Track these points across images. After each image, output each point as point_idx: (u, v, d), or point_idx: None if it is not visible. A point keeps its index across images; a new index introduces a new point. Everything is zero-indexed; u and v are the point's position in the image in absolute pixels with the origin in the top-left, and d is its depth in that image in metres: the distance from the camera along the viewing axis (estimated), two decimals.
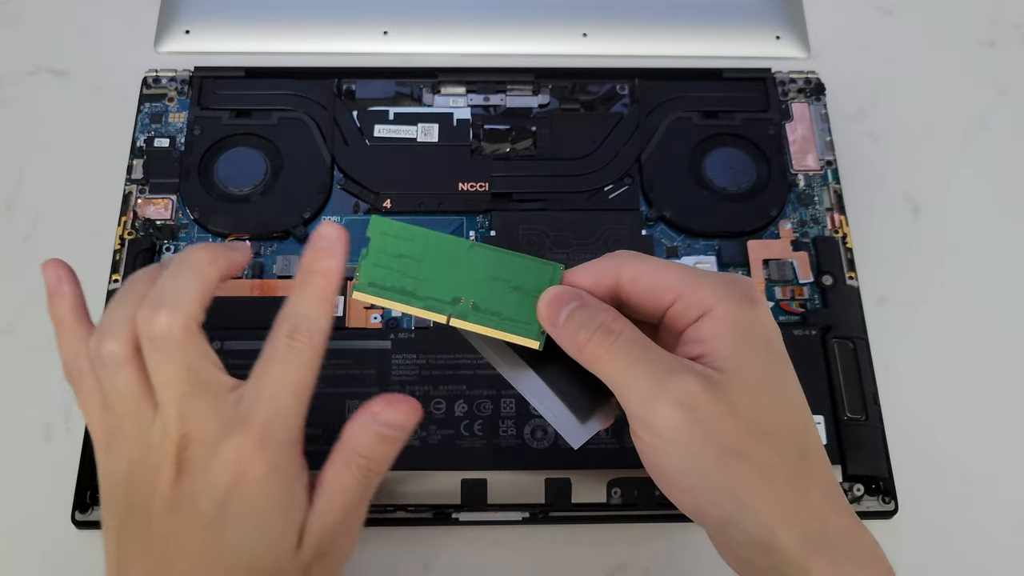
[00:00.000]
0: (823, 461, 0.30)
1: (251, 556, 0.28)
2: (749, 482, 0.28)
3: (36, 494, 0.41)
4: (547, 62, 0.52)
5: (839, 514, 0.29)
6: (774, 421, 0.29)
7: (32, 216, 0.48)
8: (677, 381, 0.28)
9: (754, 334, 0.29)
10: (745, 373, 0.29)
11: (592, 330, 0.29)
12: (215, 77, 0.49)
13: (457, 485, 0.40)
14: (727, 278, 0.30)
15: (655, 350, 0.29)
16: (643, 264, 0.30)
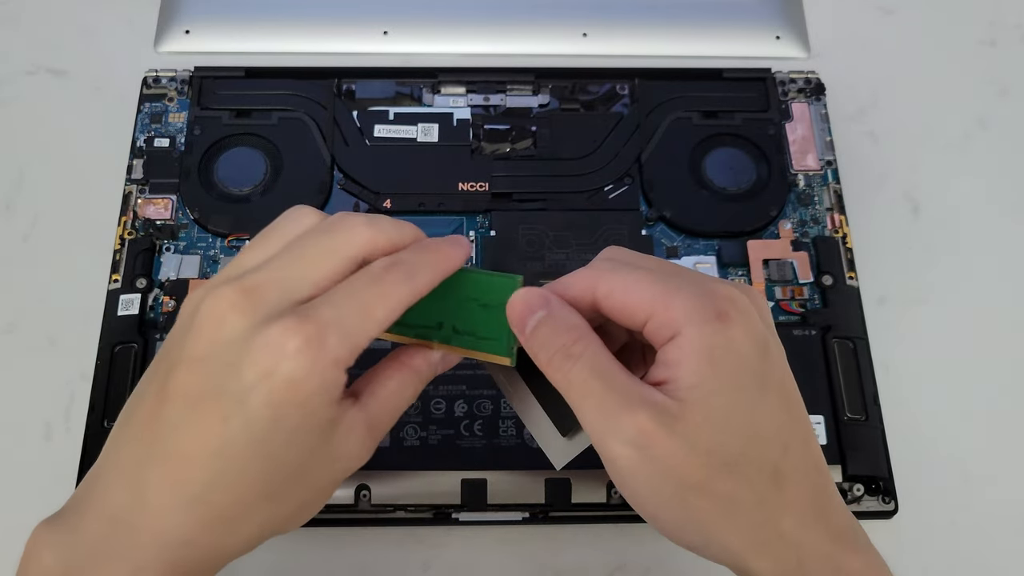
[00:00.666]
0: (807, 485, 0.28)
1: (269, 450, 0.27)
2: (711, 516, 0.28)
3: (36, 494, 0.41)
4: (547, 62, 0.52)
5: (821, 541, 0.28)
6: (739, 452, 0.27)
7: (32, 216, 0.48)
8: (629, 417, 0.27)
9: (722, 359, 0.27)
10: (707, 404, 0.27)
11: (551, 352, 0.29)
12: (215, 77, 0.49)
13: (457, 485, 0.40)
14: (703, 291, 0.28)
15: (613, 378, 0.28)
16: (617, 279, 0.29)
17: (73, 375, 0.43)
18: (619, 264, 0.30)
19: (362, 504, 0.40)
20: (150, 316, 0.43)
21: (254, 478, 0.27)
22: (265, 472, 0.27)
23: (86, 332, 0.43)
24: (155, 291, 0.44)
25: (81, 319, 0.44)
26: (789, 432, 0.28)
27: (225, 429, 0.27)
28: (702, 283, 0.29)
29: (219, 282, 0.29)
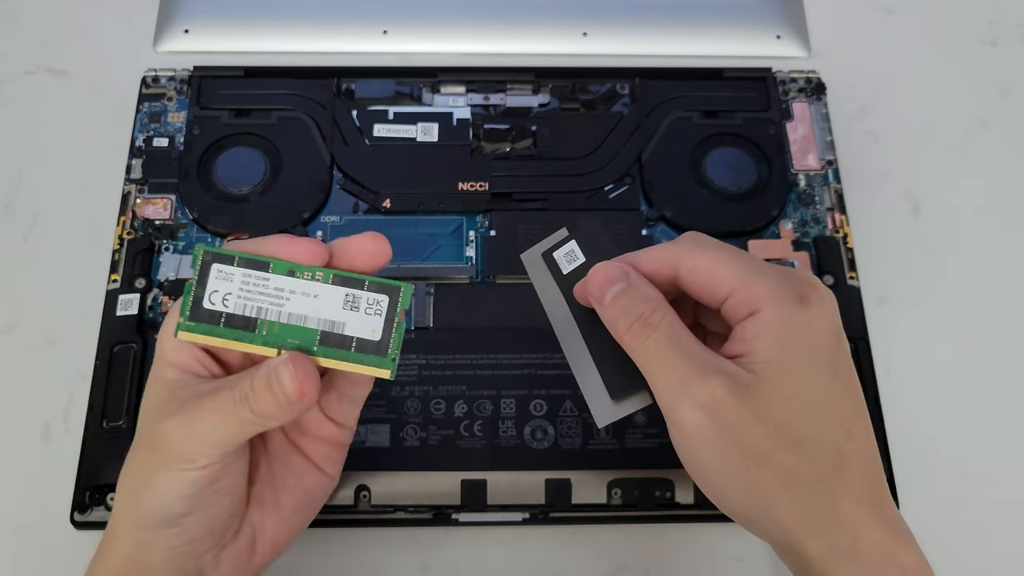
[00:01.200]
0: (865, 473, 0.29)
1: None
2: (772, 488, 0.28)
3: (35, 494, 0.41)
4: (547, 62, 0.52)
5: (876, 528, 0.28)
6: (805, 429, 0.28)
7: (31, 216, 0.48)
8: (703, 383, 0.28)
9: (799, 338, 0.29)
10: (779, 378, 0.28)
11: (631, 320, 0.30)
12: (214, 77, 0.49)
13: (457, 485, 0.40)
14: (786, 275, 0.30)
15: (690, 348, 0.29)
16: (702, 256, 0.30)
17: (72, 375, 0.43)
18: (702, 243, 0.31)
19: (362, 504, 0.40)
20: (149, 316, 0.43)
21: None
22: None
23: (85, 332, 0.43)
24: (154, 291, 0.44)
25: (80, 319, 0.44)
26: (854, 418, 0.29)
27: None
28: (782, 269, 0.30)
29: None
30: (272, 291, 0.30)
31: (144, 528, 0.30)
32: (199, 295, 0.30)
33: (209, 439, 0.30)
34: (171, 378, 0.31)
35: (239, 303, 0.30)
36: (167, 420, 0.30)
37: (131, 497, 0.31)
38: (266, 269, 0.30)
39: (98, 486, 0.39)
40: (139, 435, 0.32)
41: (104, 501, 0.39)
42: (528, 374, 0.42)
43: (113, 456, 0.40)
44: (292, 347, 0.30)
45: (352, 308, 0.30)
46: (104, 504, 0.39)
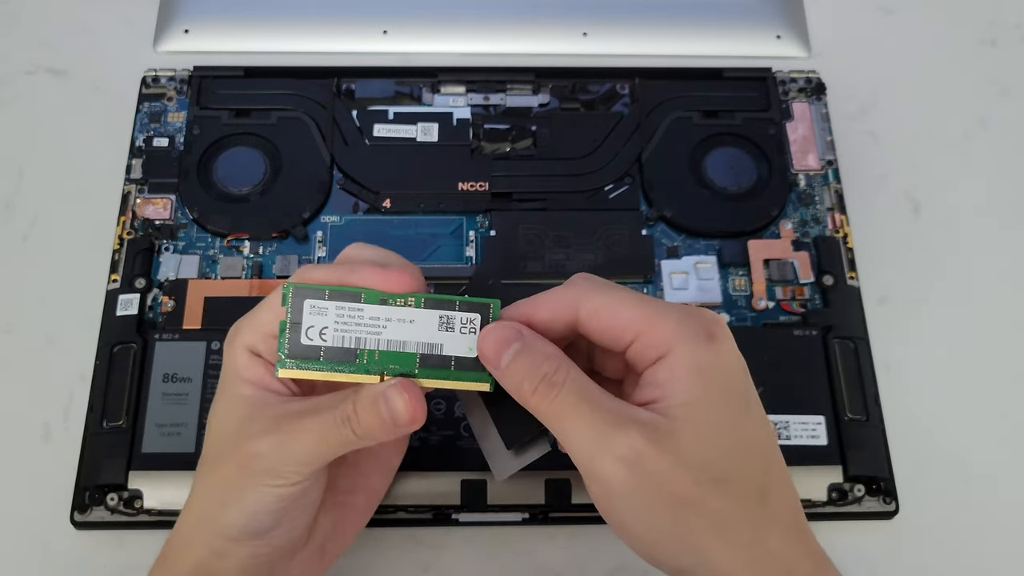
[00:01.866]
0: (787, 501, 0.29)
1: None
2: (704, 532, 0.28)
3: (35, 494, 0.41)
4: (547, 62, 0.52)
5: (804, 559, 0.28)
6: (729, 468, 0.28)
7: (31, 216, 0.48)
8: (621, 436, 0.27)
9: (713, 378, 0.28)
10: (697, 420, 0.28)
11: (535, 382, 0.29)
12: (214, 77, 0.49)
13: (457, 486, 0.40)
14: (688, 313, 0.29)
15: (600, 401, 0.28)
16: (602, 298, 0.29)
17: (72, 375, 0.43)
18: (598, 285, 0.30)
19: None
20: (149, 316, 0.43)
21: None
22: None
23: (85, 332, 0.43)
24: (154, 291, 0.44)
25: (80, 319, 0.44)
26: (770, 450, 0.29)
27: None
28: (683, 307, 0.30)
29: None
30: (368, 321, 0.30)
31: (226, 538, 0.31)
32: (295, 331, 0.30)
33: (304, 459, 0.30)
34: (249, 395, 0.31)
35: (337, 335, 0.30)
36: (259, 439, 0.30)
37: (215, 508, 0.31)
38: (358, 300, 0.30)
39: (98, 486, 0.39)
40: (219, 449, 0.31)
41: (104, 501, 0.39)
42: None
43: (113, 456, 0.40)
44: (395, 372, 0.30)
45: (447, 329, 0.31)
46: (104, 504, 0.39)
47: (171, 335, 0.42)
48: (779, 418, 0.41)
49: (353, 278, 0.30)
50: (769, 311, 0.44)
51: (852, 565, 0.40)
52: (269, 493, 0.30)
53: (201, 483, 0.32)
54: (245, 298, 0.43)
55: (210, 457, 0.32)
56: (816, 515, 0.40)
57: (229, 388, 0.32)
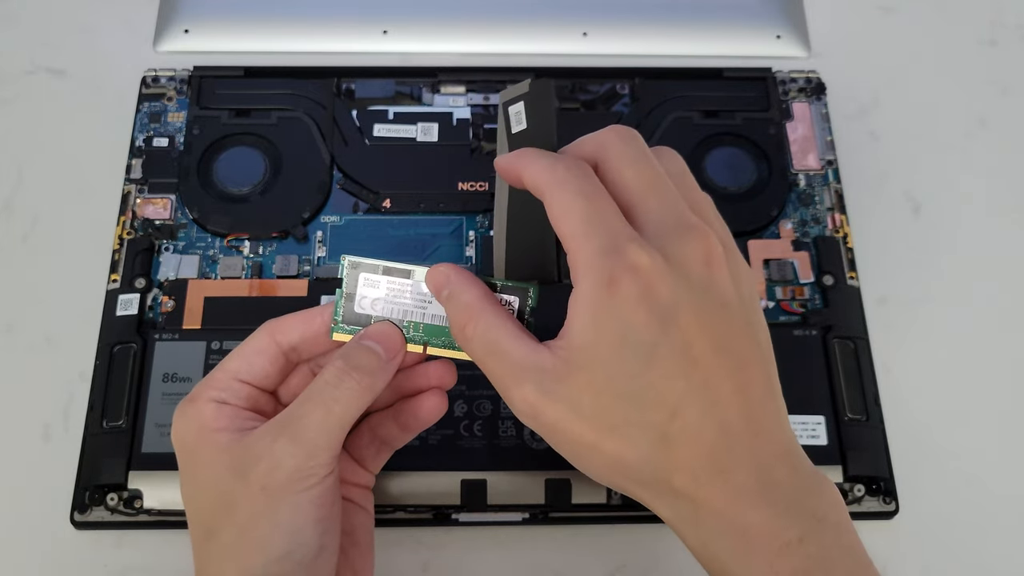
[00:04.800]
0: (698, 447, 0.28)
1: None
2: (609, 470, 0.29)
3: (35, 494, 0.41)
4: (547, 62, 0.52)
5: (716, 496, 0.28)
6: (622, 416, 0.28)
7: (31, 216, 0.48)
8: (517, 392, 0.29)
9: (606, 325, 0.28)
10: (590, 368, 0.28)
11: (455, 333, 0.31)
12: (214, 76, 0.49)
13: (457, 485, 0.40)
14: (612, 247, 0.28)
15: (503, 355, 0.29)
16: (557, 196, 0.29)
17: (72, 375, 0.43)
18: (575, 177, 0.29)
19: None
20: (149, 316, 0.43)
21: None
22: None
23: (85, 332, 0.43)
24: (154, 291, 0.44)
25: (80, 319, 0.44)
26: (682, 398, 0.28)
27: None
28: (622, 236, 0.28)
29: None
30: (415, 296, 0.33)
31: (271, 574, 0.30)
32: (350, 301, 0.33)
33: (322, 438, 0.30)
34: (228, 440, 0.31)
35: (387, 307, 0.33)
36: (269, 451, 0.30)
37: (250, 553, 0.30)
38: (408, 276, 0.33)
39: (98, 486, 0.39)
40: (223, 504, 0.30)
41: (104, 501, 0.39)
42: None
43: (113, 456, 0.40)
44: (437, 345, 0.33)
45: None
46: (104, 504, 0.39)
47: (171, 335, 0.42)
48: None
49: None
50: (769, 311, 0.44)
51: None
52: (304, 499, 0.30)
53: (214, 547, 0.31)
54: (245, 298, 0.43)
55: (216, 521, 0.31)
56: None
57: (201, 448, 0.31)
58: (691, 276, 0.28)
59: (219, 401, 0.32)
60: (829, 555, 0.28)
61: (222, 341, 0.42)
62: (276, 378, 0.33)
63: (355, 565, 0.34)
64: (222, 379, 0.32)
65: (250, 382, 0.32)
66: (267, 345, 0.33)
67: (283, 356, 0.33)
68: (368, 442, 0.35)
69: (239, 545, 0.30)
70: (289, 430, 0.30)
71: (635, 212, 0.29)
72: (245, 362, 0.32)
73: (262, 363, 0.33)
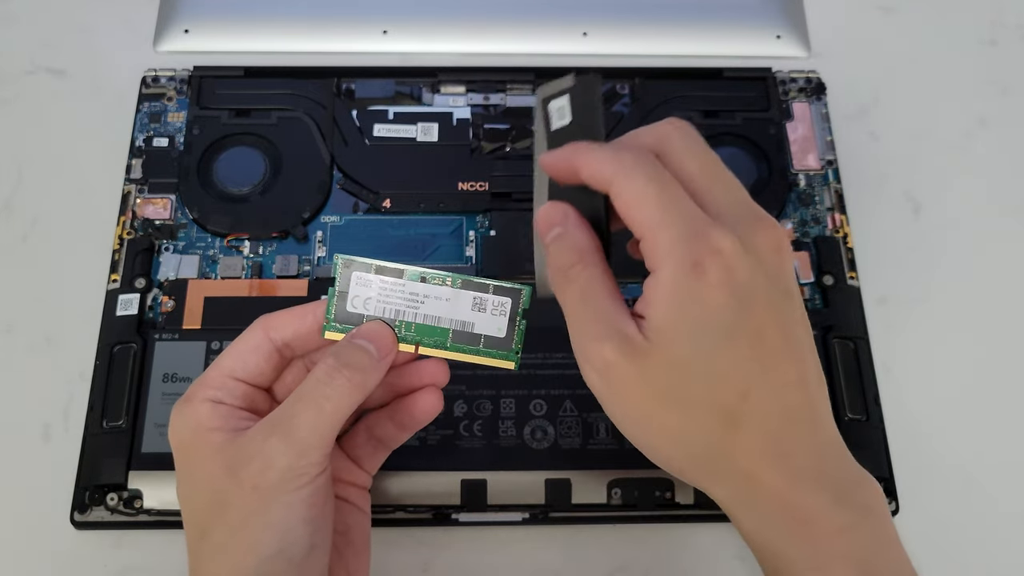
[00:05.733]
0: (765, 429, 0.29)
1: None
2: (665, 443, 0.30)
3: (35, 495, 0.41)
4: (547, 61, 0.52)
5: (775, 477, 0.29)
6: (691, 394, 0.29)
7: (31, 216, 0.48)
8: (597, 347, 0.29)
9: (689, 308, 0.28)
10: (668, 349, 0.29)
11: (555, 270, 0.31)
12: (214, 76, 0.49)
13: (457, 485, 0.40)
14: (694, 232, 0.28)
15: (598, 307, 0.30)
16: (626, 185, 0.29)
17: (72, 375, 0.43)
18: (642, 164, 0.29)
19: None
20: (149, 316, 0.43)
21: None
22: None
23: (85, 332, 0.43)
24: (154, 291, 0.44)
25: (80, 319, 0.44)
26: (753, 381, 0.29)
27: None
28: (700, 221, 0.29)
29: None
30: (408, 295, 0.33)
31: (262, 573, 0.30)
32: (342, 299, 0.33)
33: (314, 437, 0.30)
34: (222, 440, 0.31)
35: (379, 306, 0.33)
36: (261, 449, 0.30)
37: (242, 553, 0.30)
38: (400, 276, 0.33)
39: (98, 486, 0.39)
40: (217, 503, 0.31)
41: (104, 501, 0.39)
42: (528, 374, 0.42)
43: (113, 456, 0.40)
44: (428, 344, 0.33)
45: (479, 310, 0.33)
46: (104, 504, 0.39)
47: (171, 335, 0.42)
48: None
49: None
50: None
51: None
52: (296, 499, 0.30)
53: (207, 546, 0.31)
54: (245, 298, 0.43)
55: (209, 520, 0.31)
56: None
57: (196, 448, 0.31)
58: (764, 263, 0.29)
59: (214, 401, 0.32)
60: (878, 544, 0.29)
61: (222, 341, 0.42)
62: (271, 375, 0.33)
63: (350, 565, 0.34)
64: (217, 378, 0.32)
65: (245, 380, 0.32)
66: (261, 342, 0.33)
67: (277, 352, 0.33)
68: (365, 441, 0.35)
69: (231, 544, 0.30)
70: (280, 429, 0.30)
71: (704, 201, 0.30)
72: (239, 360, 0.32)
73: (256, 360, 0.32)
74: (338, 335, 0.32)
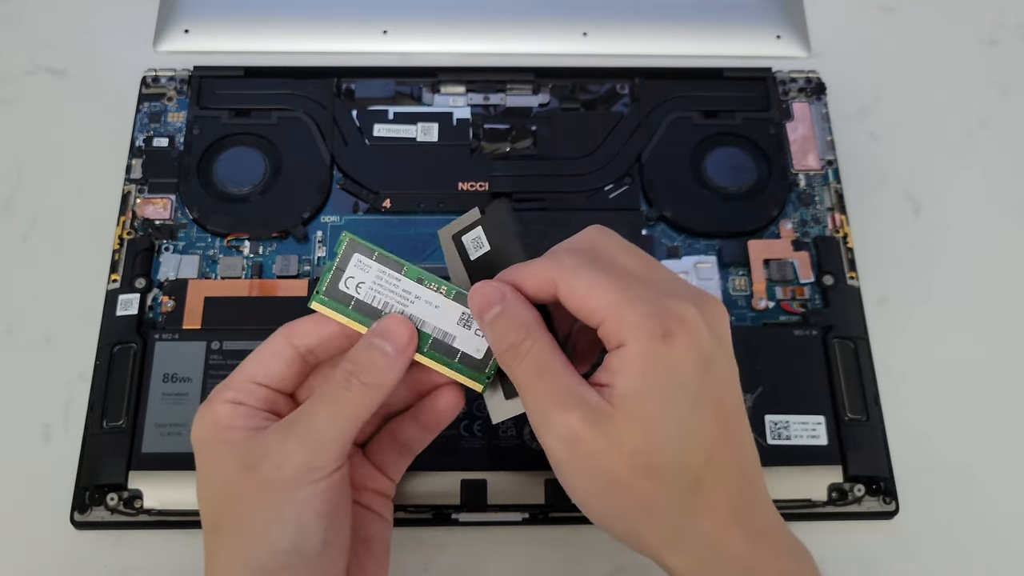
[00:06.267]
0: (729, 491, 0.30)
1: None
2: (633, 512, 0.30)
3: (35, 495, 0.41)
4: (547, 61, 0.52)
5: (739, 542, 0.30)
6: (662, 457, 0.29)
7: (31, 216, 0.48)
8: (561, 416, 0.29)
9: (658, 375, 0.29)
10: (637, 412, 0.29)
11: (503, 347, 0.31)
12: (214, 76, 0.49)
13: (457, 485, 0.40)
14: (656, 308, 0.29)
15: (555, 377, 0.30)
16: (578, 279, 0.30)
17: (72, 375, 0.43)
18: (584, 262, 0.31)
19: None
20: (149, 316, 0.43)
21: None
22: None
23: (85, 332, 0.43)
24: (154, 291, 0.44)
25: (80, 319, 0.44)
26: (717, 443, 0.30)
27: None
28: (658, 298, 0.30)
29: None
30: (400, 291, 0.32)
31: (272, 569, 0.30)
32: (337, 277, 0.32)
33: (331, 435, 0.30)
34: (239, 438, 0.31)
35: (370, 293, 0.32)
36: (278, 447, 0.30)
37: (252, 546, 0.30)
38: (399, 271, 0.33)
39: (98, 486, 0.39)
40: (232, 496, 0.31)
41: (104, 501, 0.39)
42: None
43: (113, 456, 0.40)
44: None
45: (465, 326, 0.32)
46: (104, 504, 0.39)
47: (171, 335, 0.42)
48: (779, 418, 0.41)
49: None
50: (769, 311, 0.44)
51: (852, 565, 0.40)
52: (309, 493, 0.30)
53: (221, 541, 0.31)
54: (245, 298, 0.43)
55: (222, 515, 0.31)
56: (816, 515, 0.40)
57: (213, 445, 0.32)
58: (717, 333, 0.30)
59: (235, 402, 0.32)
60: None
61: (222, 341, 0.42)
62: (294, 380, 0.33)
63: (368, 573, 0.34)
64: (239, 381, 0.33)
65: (267, 384, 0.33)
66: (283, 348, 0.33)
67: (300, 359, 0.33)
68: (389, 447, 0.35)
69: (243, 538, 0.30)
70: (297, 427, 0.31)
71: (648, 284, 0.31)
72: (261, 365, 0.33)
73: (278, 366, 0.33)
74: (322, 308, 0.32)
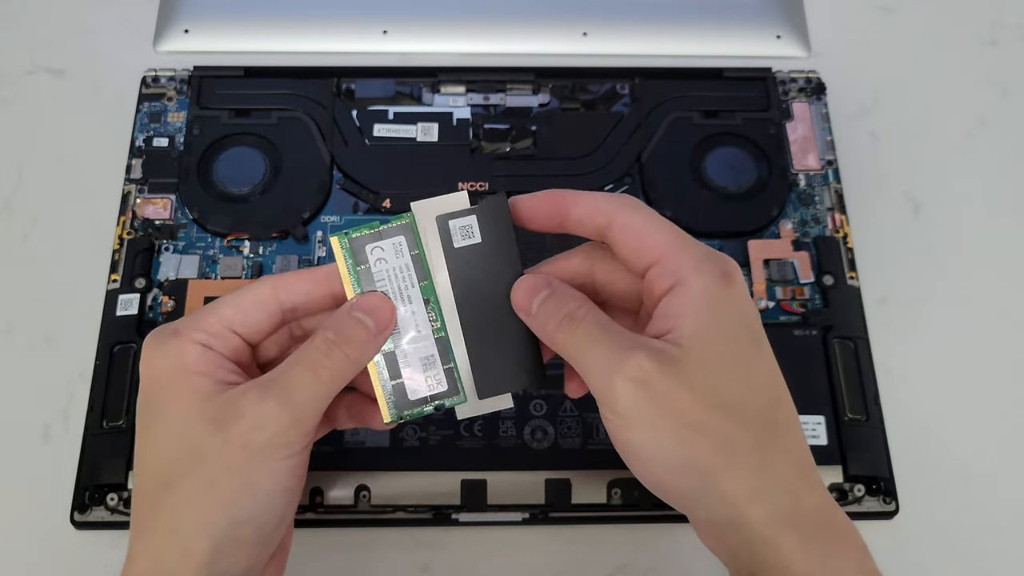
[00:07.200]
0: (797, 438, 0.30)
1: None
2: (710, 456, 0.28)
3: (35, 495, 0.41)
4: (547, 61, 0.52)
5: (813, 491, 0.29)
6: (736, 395, 0.29)
7: (31, 216, 0.48)
8: (631, 358, 0.28)
9: (724, 312, 0.29)
10: (707, 349, 0.29)
11: (559, 319, 0.30)
12: (214, 76, 0.49)
13: (457, 485, 0.40)
14: (710, 253, 0.30)
15: (615, 331, 0.30)
16: (636, 215, 0.30)
17: (72, 375, 0.43)
18: (638, 205, 0.31)
19: (362, 504, 0.40)
20: (149, 316, 0.43)
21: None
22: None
23: (85, 332, 0.43)
24: (154, 291, 0.44)
25: (80, 319, 0.44)
26: (780, 389, 0.30)
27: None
28: (706, 248, 0.31)
29: None
30: (405, 294, 0.32)
31: (231, 539, 0.29)
32: (374, 238, 0.31)
33: (308, 409, 0.30)
34: (208, 388, 0.30)
35: (382, 273, 0.31)
36: (252, 409, 0.29)
37: (215, 510, 0.29)
38: (420, 280, 0.32)
39: (98, 486, 0.39)
40: (190, 455, 0.29)
41: (104, 501, 0.39)
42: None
43: (113, 456, 0.40)
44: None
45: (424, 367, 0.32)
46: (104, 504, 0.39)
47: None
48: None
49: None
50: (769, 311, 0.44)
51: None
52: (282, 467, 0.29)
53: (178, 499, 0.29)
54: None
55: (180, 471, 0.29)
56: None
57: (180, 389, 0.30)
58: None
59: (205, 345, 0.30)
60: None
61: None
62: (266, 333, 0.32)
63: (284, 540, 0.33)
64: (214, 324, 0.31)
65: (241, 334, 0.31)
66: (268, 299, 0.31)
67: (280, 314, 0.32)
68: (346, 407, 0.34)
69: (204, 499, 0.29)
70: (276, 392, 0.29)
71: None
72: (241, 312, 0.31)
73: (258, 316, 0.31)
74: (337, 247, 0.31)
